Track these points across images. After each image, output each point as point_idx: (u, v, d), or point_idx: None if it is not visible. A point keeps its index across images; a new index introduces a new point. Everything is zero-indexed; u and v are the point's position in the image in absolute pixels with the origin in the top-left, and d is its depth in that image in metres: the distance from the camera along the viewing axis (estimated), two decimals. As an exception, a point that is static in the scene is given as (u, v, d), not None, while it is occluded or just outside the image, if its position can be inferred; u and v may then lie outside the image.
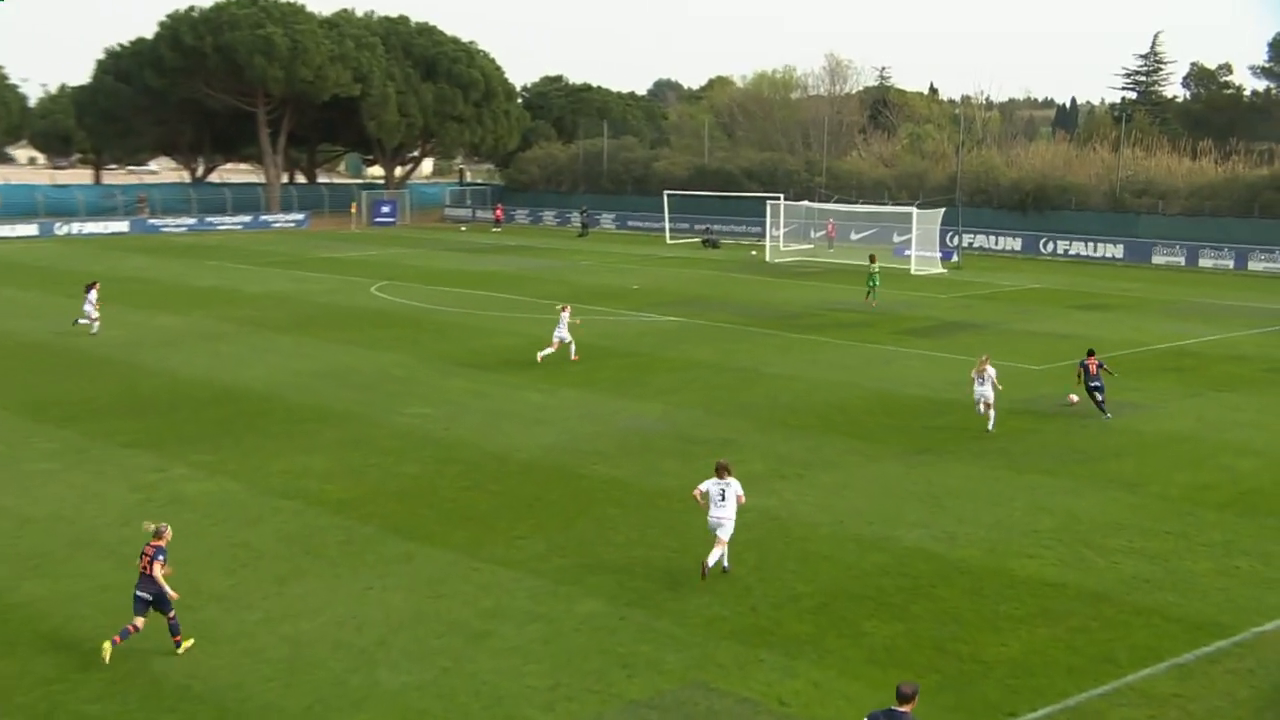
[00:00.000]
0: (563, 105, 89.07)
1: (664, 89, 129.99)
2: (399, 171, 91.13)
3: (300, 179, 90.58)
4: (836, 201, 62.00)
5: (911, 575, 14.40)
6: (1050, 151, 67.74)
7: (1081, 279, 47.83)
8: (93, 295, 30.58)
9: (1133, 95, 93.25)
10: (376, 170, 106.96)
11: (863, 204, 61.60)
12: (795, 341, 31.47)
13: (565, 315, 28.24)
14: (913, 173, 66.24)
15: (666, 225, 66.55)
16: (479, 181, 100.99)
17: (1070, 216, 58.67)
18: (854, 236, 61.16)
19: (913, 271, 48.66)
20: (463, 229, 74.63)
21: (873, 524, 16.27)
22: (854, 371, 27.27)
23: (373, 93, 74.23)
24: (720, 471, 14.32)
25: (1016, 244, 58.40)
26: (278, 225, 73.82)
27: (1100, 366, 23.33)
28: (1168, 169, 60.81)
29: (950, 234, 56.82)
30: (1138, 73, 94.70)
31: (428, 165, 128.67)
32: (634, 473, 18.65)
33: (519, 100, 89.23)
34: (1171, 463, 19.50)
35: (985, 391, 21.75)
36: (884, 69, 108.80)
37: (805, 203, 59.63)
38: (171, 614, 12.17)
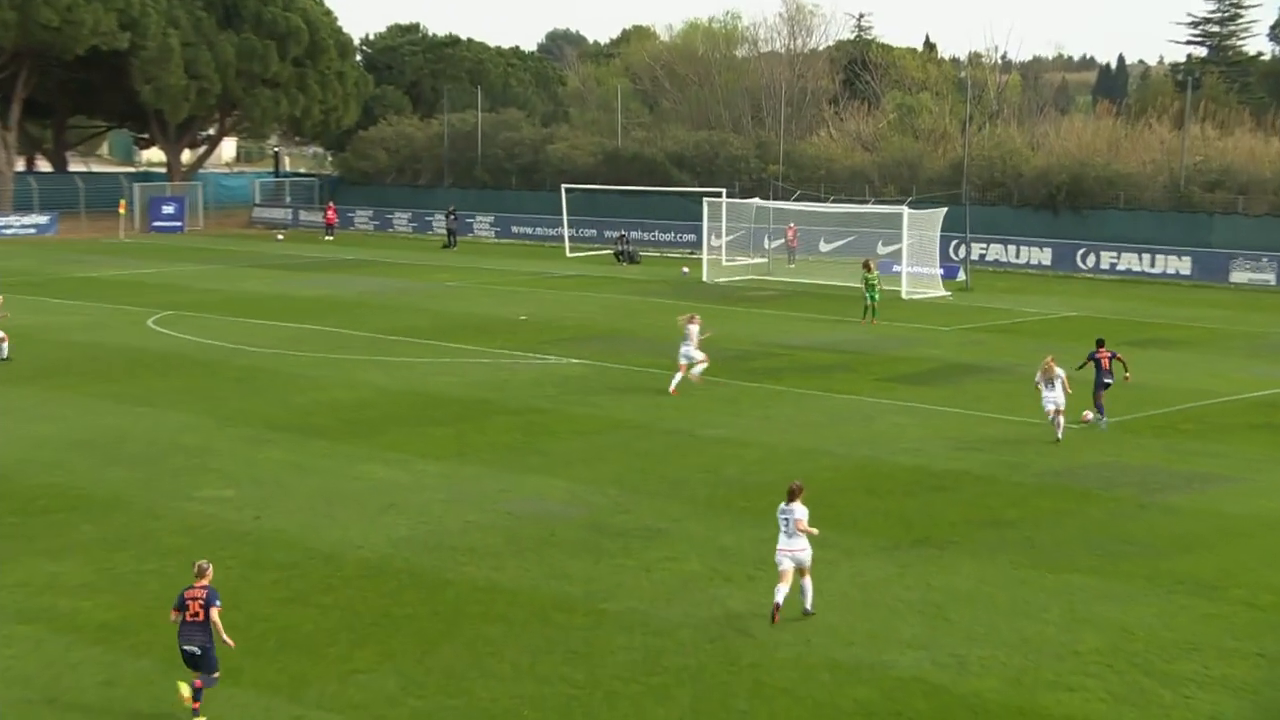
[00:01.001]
0: (420, 66, 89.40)
1: (560, 44, 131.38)
2: (188, 156, 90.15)
3: (43, 166, 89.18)
4: (799, 199, 63.05)
5: (907, 717, 14.59)
6: (1091, 129, 69.88)
7: (1135, 304, 49.30)
8: None
9: (1202, 52, 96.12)
10: (155, 154, 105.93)
11: (835, 202, 62.74)
12: (745, 392, 31.83)
13: (694, 328, 30.97)
14: (903, 159, 67.74)
15: (566, 232, 67.02)
16: (303, 171, 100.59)
17: (1118, 218, 60.44)
18: (824, 247, 62.21)
19: (904, 295, 49.65)
20: (280, 236, 74.23)
21: (852, 645, 16.45)
22: (824, 433, 27.65)
23: (148, 45, 73.65)
24: (790, 496, 17.40)
25: (1045, 256, 59.98)
26: (9, 232, 72.59)
27: (1114, 358, 27.65)
28: (1250, 153, 61.97)
29: (955, 243, 58.15)
30: (1208, 22, 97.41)
31: (229, 148, 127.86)
32: (524, 577, 18.64)
33: (358, 59, 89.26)
34: (1262, 557, 20.08)
35: (1056, 397, 25.70)
36: (862, 18, 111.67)
37: (756, 200, 60.56)
38: (200, 680, 14.15)
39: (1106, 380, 27.65)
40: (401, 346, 37.70)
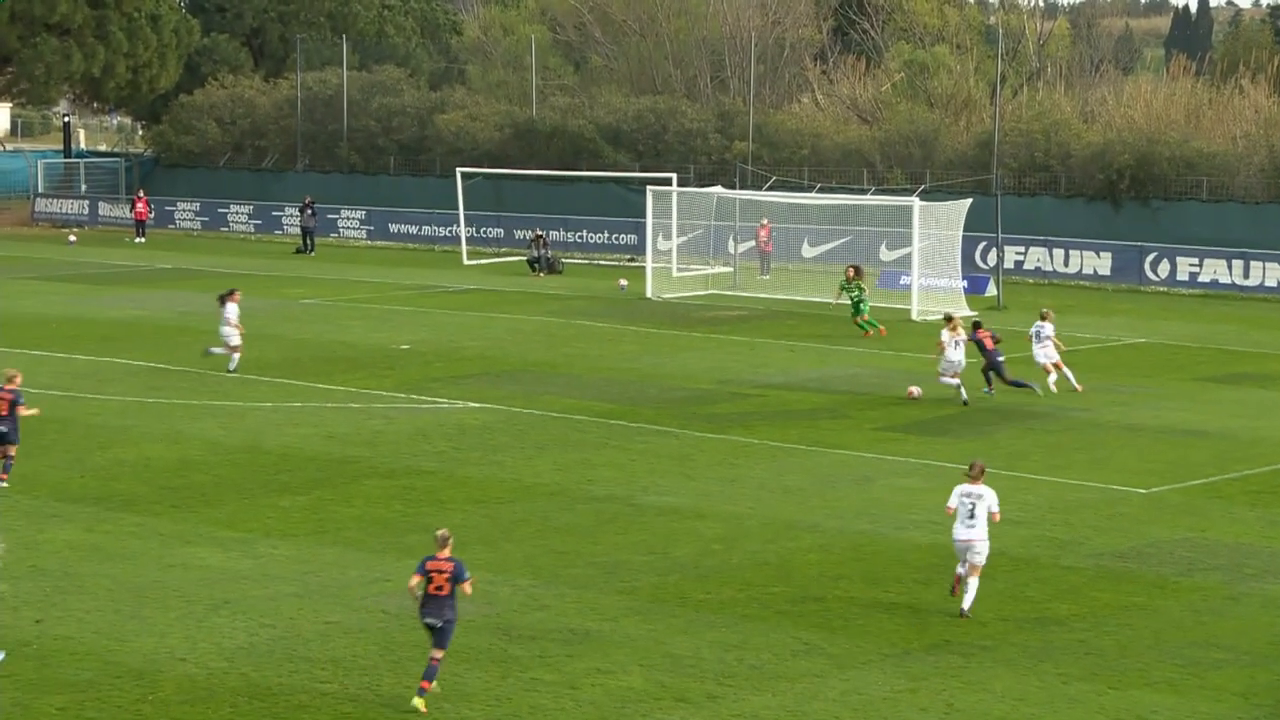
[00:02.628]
0: (263, 8, 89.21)
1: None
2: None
3: None
4: (775, 187, 63.28)
5: None
6: (1163, 95, 70.49)
7: (1223, 327, 49.82)
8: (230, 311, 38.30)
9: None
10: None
11: (823, 192, 63.06)
12: (701, 445, 31.89)
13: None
14: (913, 134, 68.26)
15: (463, 232, 66.99)
16: (104, 150, 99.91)
17: (1200, 213, 61.12)
18: (808, 251, 62.50)
19: (915, 315, 49.93)
20: (72, 238, 73.73)
21: (850, 784, 16.50)
22: (808, 500, 27.72)
23: (-110, -23, 73.03)
24: (973, 474, 21.46)
25: (1102, 264, 60.54)
26: None
27: (997, 340, 36.16)
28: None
29: (983, 246, 58.52)
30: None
31: (1, 117, 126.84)
32: (406, 698, 18.54)
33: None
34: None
35: (1048, 353, 30.98)
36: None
37: (718, 189, 60.81)
38: (441, 651, 18.15)
39: (999, 357, 36.04)
40: (241, 387, 37.47)
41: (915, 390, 36.46)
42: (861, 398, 37.00)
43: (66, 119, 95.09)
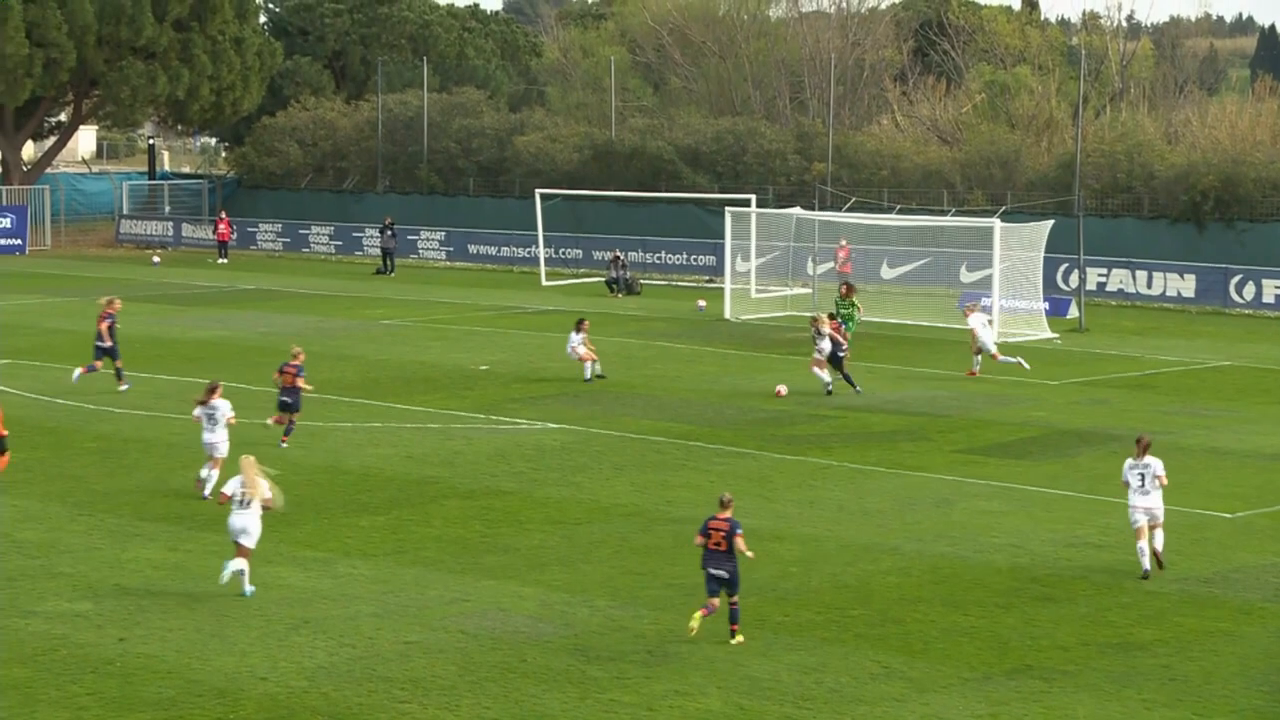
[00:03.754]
0: (345, 31, 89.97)
1: (534, 1, 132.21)
2: (31, 152, 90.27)
3: None
4: (854, 209, 63.16)
5: None
6: (1248, 115, 70.02)
7: (1303, 350, 49.30)
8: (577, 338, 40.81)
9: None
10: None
11: (903, 213, 62.89)
12: (780, 467, 31.86)
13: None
14: (994, 155, 68.02)
15: (541, 253, 67.20)
16: (187, 172, 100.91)
17: (1289, 234, 60.62)
18: (887, 273, 62.33)
19: (995, 338, 49.64)
20: (156, 259, 74.46)
21: (930, 809, 16.41)
22: (887, 523, 27.63)
23: (-23, 1, 74.05)
24: (1140, 449, 24.27)
25: (1186, 286, 60.08)
26: None
27: (842, 330, 39.84)
28: None
29: (1065, 267, 58.18)
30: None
31: (88, 140, 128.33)
32: (483, 718, 18.57)
33: (262, 20, 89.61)
34: None
35: (984, 338, 33.84)
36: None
37: (797, 210, 60.76)
38: (735, 598, 21.10)
39: (840, 353, 39.45)
40: (322, 407, 37.69)
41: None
42: (940, 420, 36.85)
43: (151, 141, 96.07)
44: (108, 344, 39.02)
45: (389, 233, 70.55)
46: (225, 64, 79.46)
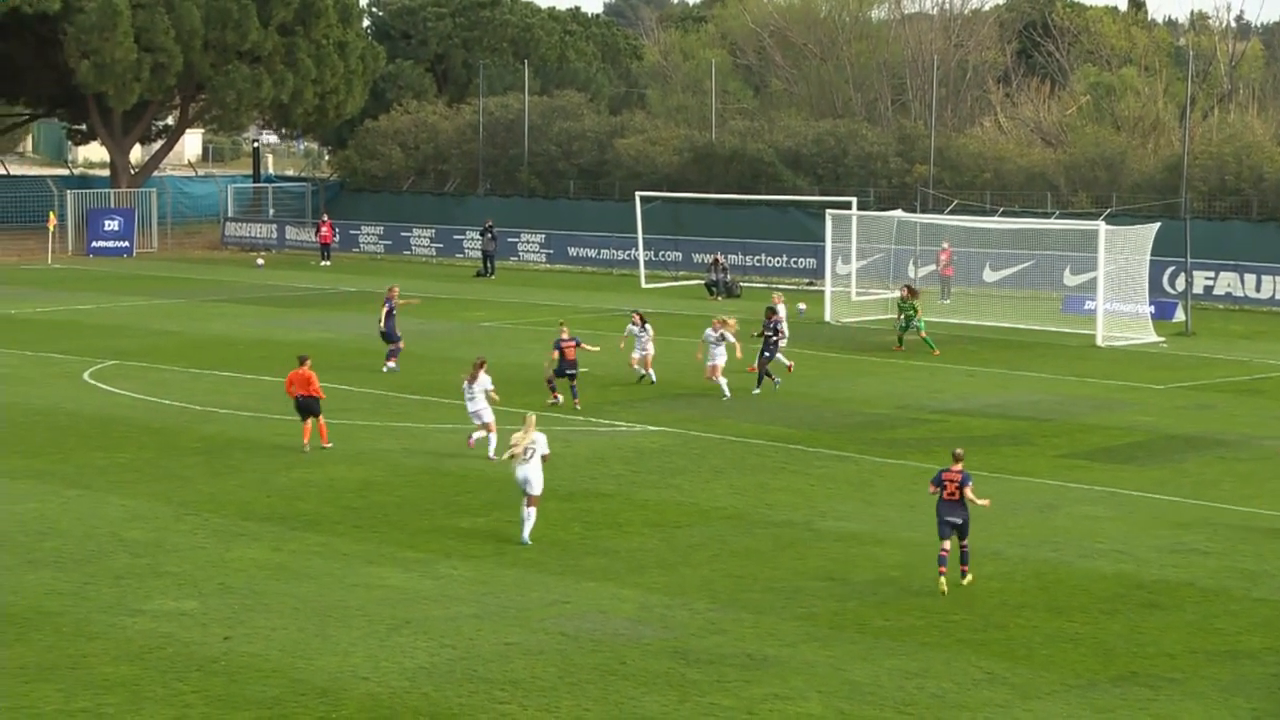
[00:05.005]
0: (447, 34, 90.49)
1: (635, 4, 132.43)
2: (138, 155, 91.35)
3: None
4: (956, 211, 62.80)
5: None
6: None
7: None
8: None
9: None
10: (95, 152, 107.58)
11: (1006, 215, 62.47)
12: (880, 471, 31.74)
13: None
14: (1099, 157, 67.47)
15: (641, 255, 67.30)
16: (291, 175, 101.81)
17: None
18: (989, 276, 61.93)
19: (1100, 341, 49.34)
20: (260, 261, 75.09)
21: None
22: (989, 528, 27.44)
23: (85, 6, 75.04)
24: None
25: (1297, 290, 59.39)
26: (-93, 254, 73.94)
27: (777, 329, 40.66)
28: None
29: (1171, 271, 57.59)
30: None
31: (193, 144, 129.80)
32: (581, 721, 18.64)
33: (365, 24, 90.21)
34: None
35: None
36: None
37: (898, 213, 60.49)
38: (965, 541, 23.72)
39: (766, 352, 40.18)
40: (422, 408, 37.93)
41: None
42: (1044, 424, 36.58)
43: (256, 144, 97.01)
44: (383, 328, 43.02)
45: (489, 235, 70.80)
46: (329, 68, 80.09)
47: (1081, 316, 52.80)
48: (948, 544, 23.55)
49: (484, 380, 32.48)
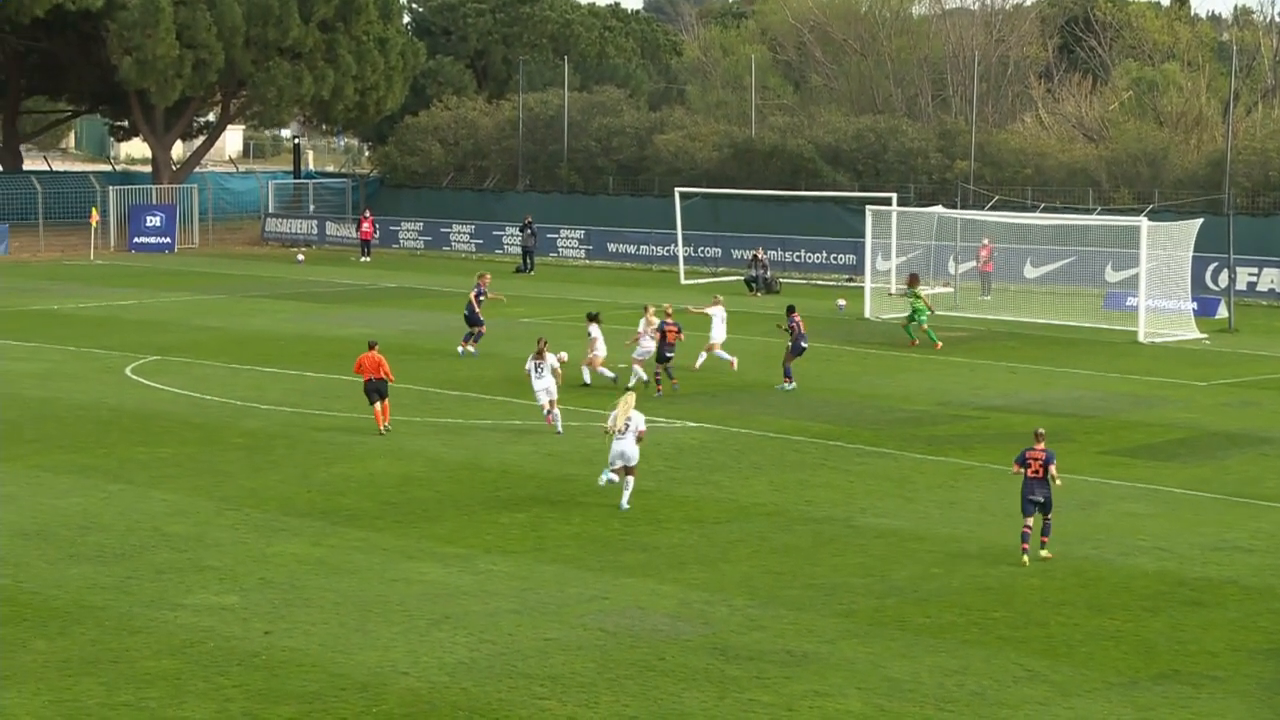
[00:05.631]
0: (487, 30, 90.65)
1: (674, 0, 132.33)
2: (180, 151, 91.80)
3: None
4: (997, 207, 62.64)
5: None
6: None
7: None
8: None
9: None
10: (137, 148, 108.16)
11: (1047, 211, 62.29)
12: (920, 467, 31.69)
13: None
14: (1141, 153, 67.23)
15: (680, 251, 67.32)
16: (331, 171, 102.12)
17: None
18: (1030, 272, 61.78)
19: (1142, 338, 49.18)
20: (300, 257, 75.33)
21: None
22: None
23: (129, 2, 75.43)
24: None
25: (1341, 286, 59.10)
26: (-51, 250, 74.42)
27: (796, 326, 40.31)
28: None
29: (1214, 267, 57.34)
30: None
31: (235, 140, 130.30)
32: (622, 715, 18.65)
33: (406, 21, 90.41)
34: None
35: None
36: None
37: (939, 209, 60.36)
38: (1049, 516, 24.86)
39: (803, 344, 40.16)
40: (462, 404, 38.01)
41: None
42: (1086, 421, 36.48)
43: (296, 140, 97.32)
44: (468, 312, 44.85)
45: (529, 231, 70.94)
46: (369, 64, 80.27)
47: (1123, 313, 52.65)
48: (1030, 521, 24.69)
49: (551, 359, 34.17)
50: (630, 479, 28.03)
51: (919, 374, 42.79)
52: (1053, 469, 24.68)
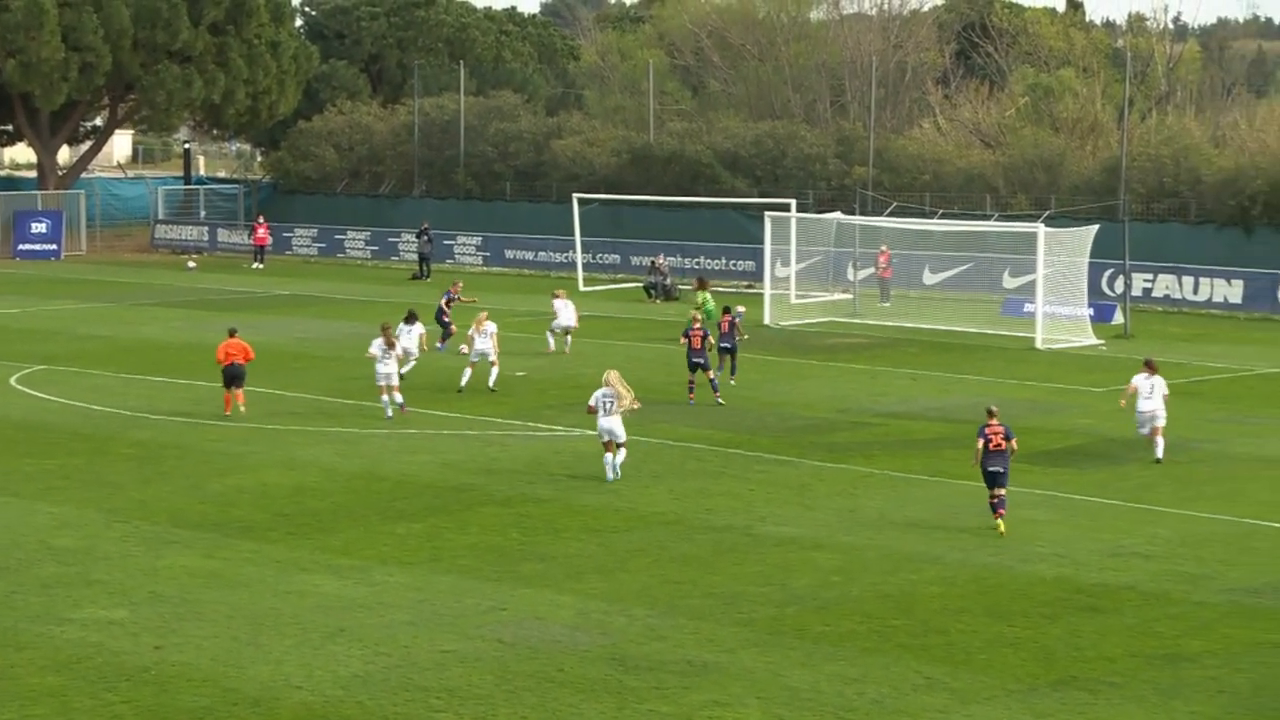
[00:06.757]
0: (381, 34, 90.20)
1: (571, 4, 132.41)
2: (66, 156, 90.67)
3: None
4: (896, 213, 63.04)
5: None
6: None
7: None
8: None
9: None
10: (21, 153, 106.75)
11: (945, 217, 62.74)
12: (820, 475, 31.81)
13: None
14: (1038, 159, 67.84)
15: (579, 258, 67.27)
16: (223, 176, 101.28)
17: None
18: (929, 278, 62.18)
19: (1039, 344, 49.61)
20: (191, 264, 74.74)
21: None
22: (929, 532, 27.55)
23: (12, 4, 74.48)
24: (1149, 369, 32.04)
25: (1233, 292, 59.76)
26: None
27: (734, 322, 41.05)
28: None
29: (1110, 273, 57.94)
30: None
31: (123, 145, 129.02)
32: (519, 730, 18.61)
33: (298, 24, 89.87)
34: None
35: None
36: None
37: (838, 215, 60.70)
38: (1004, 491, 26.98)
39: (724, 344, 40.93)
40: (356, 414, 37.79)
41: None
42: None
43: (186, 146, 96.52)
44: (437, 316, 47.25)
45: (425, 238, 70.67)
46: (261, 68, 79.74)
47: (1021, 319, 53.05)
48: (1001, 491, 26.86)
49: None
50: (622, 451, 30.42)
51: (819, 381, 42.98)
52: (1013, 442, 27.01)
